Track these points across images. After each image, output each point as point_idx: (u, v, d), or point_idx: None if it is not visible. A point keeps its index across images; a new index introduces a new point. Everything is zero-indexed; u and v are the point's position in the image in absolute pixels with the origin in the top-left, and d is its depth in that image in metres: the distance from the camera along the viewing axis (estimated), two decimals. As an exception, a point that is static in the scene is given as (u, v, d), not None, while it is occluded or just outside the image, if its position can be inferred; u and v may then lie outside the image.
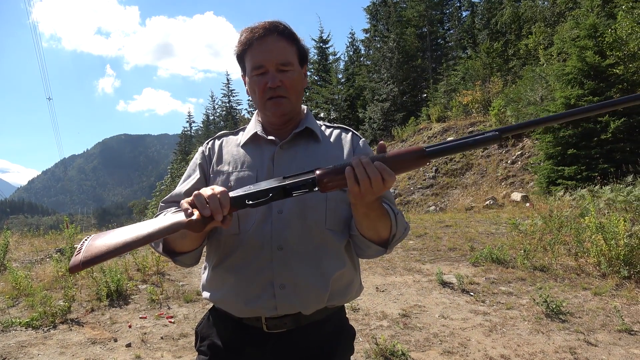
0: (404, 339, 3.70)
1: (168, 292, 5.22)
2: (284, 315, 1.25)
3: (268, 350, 1.28)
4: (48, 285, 5.45)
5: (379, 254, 1.26)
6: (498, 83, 19.20)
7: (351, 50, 37.03)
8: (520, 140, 15.35)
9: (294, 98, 1.31)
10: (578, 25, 13.14)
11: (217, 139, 1.46)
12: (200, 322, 1.44)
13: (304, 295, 1.24)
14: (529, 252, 5.83)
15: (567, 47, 12.82)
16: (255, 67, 1.28)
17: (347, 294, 1.33)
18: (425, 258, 6.55)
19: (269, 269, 1.23)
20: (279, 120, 1.34)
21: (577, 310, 4.16)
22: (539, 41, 19.11)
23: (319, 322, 1.30)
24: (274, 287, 1.23)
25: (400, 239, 1.26)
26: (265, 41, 1.26)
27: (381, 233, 1.20)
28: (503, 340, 3.60)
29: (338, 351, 1.34)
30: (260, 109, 1.34)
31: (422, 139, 19.69)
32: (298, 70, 1.32)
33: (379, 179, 0.99)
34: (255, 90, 1.30)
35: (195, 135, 56.37)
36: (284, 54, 1.27)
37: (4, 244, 6.80)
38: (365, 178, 0.99)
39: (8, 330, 4.14)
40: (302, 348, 1.28)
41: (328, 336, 1.32)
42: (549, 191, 10.82)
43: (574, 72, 11.43)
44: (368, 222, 1.17)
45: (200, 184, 1.35)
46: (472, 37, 27.79)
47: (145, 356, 3.53)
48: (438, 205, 14.53)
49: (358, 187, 1.00)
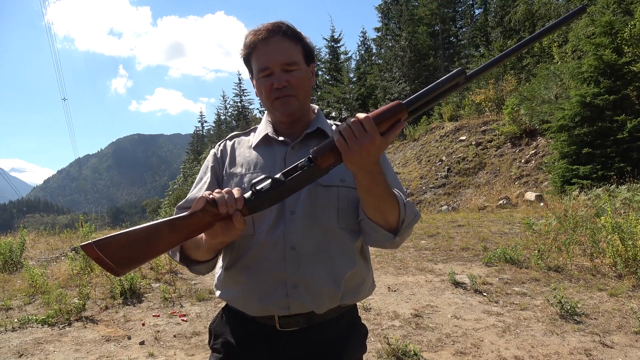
0: (416, 339, 3.68)
1: (181, 291, 5.26)
2: (297, 314, 1.26)
3: (281, 348, 1.28)
4: (63, 283, 5.53)
5: (387, 239, 1.22)
6: (511, 81, 18.99)
7: (363, 49, 36.99)
8: (534, 139, 15.17)
9: (301, 97, 1.31)
10: (593, 22, 12.91)
11: (228, 140, 1.47)
12: (213, 320, 1.45)
13: (317, 295, 1.24)
14: (543, 252, 5.76)
15: (582, 44, 12.63)
16: (261, 69, 1.29)
17: (359, 292, 1.33)
18: (438, 258, 6.51)
19: (282, 269, 1.24)
20: (287, 120, 1.34)
21: (593, 312, 4.10)
22: (554, 39, 18.84)
23: (332, 321, 1.30)
24: (287, 287, 1.24)
25: (410, 226, 1.23)
26: (268, 43, 1.27)
27: (388, 216, 1.19)
28: (517, 341, 3.56)
29: (350, 349, 1.34)
30: (269, 110, 1.35)
31: (435, 137, 19.57)
32: (304, 69, 1.32)
33: (357, 124, 1.02)
34: (263, 92, 1.31)
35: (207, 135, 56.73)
36: (288, 54, 1.28)
37: (20, 243, 6.92)
38: (346, 127, 1.02)
39: (25, 327, 4.20)
40: (314, 346, 1.28)
41: (340, 334, 1.32)
42: (564, 190, 10.67)
43: (589, 70, 11.24)
44: (373, 199, 1.15)
45: (213, 186, 1.36)
46: (485, 35, 27.51)
47: (159, 354, 3.56)
48: (450, 204, 14.43)
49: (346, 143, 1.02)
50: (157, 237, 1.03)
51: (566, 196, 9.83)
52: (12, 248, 6.68)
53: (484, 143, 16.88)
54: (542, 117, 13.97)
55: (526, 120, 15.34)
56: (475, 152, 16.60)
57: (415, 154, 19.65)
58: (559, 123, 11.51)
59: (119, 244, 1.00)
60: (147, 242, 1.03)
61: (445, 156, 17.58)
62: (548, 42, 18.99)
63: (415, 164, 18.73)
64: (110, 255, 1.00)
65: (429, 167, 17.79)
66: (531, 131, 15.38)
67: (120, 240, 1.00)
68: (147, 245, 1.03)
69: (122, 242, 1.01)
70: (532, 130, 15.33)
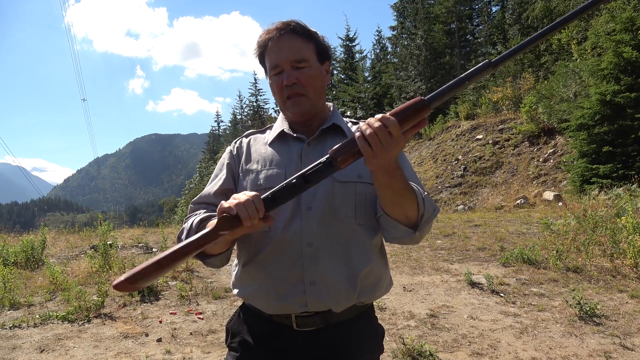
0: (431, 340, 3.66)
1: (197, 289, 5.31)
2: (314, 314, 1.26)
3: (297, 348, 1.28)
4: (82, 281, 5.63)
5: (407, 235, 1.21)
6: (529, 79, 18.73)
7: (378, 48, 36.85)
8: (552, 137, 14.95)
9: (312, 95, 1.31)
10: (614, 18, 12.64)
11: (244, 138, 1.48)
12: (230, 318, 1.46)
13: (334, 292, 1.24)
14: (561, 252, 5.67)
15: (602, 41, 12.37)
16: (272, 67, 1.30)
17: (376, 290, 1.33)
18: (454, 258, 6.46)
19: (299, 266, 1.24)
20: (300, 119, 1.35)
21: (613, 313, 4.02)
22: (572, 36, 18.50)
23: (348, 321, 1.30)
24: (304, 284, 1.24)
25: (429, 221, 1.21)
26: (279, 41, 1.28)
27: (408, 211, 1.17)
28: (534, 343, 3.52)
29: (367, 350, 1.34)
30: (282, 109, 1.36)
31: (451, 136, 19.41)
32: (316, 66, 1.31)
33: (383, 130, 0.98)
34: (275, 91, 1.32)
35: (223, 134, 57.14)
36: (298, 52, 1.28)
37: (41, 241, 7.07)
38: (372, 133, 0.98)
39: (46, 323, 4.29)
40: (331, 346, 1.28)
41: (357, 335, 1.32)
42: (583, 190, 10.49)
43: (609, 67, 11.03)
44: (391, 195, 1.13)
45: (228, 183, 1.38)
46: (503, 33, 27.14)
47: (175, 351, 3.61)
48: (467, 204, 14.30)
49: (369, 146, 0.99)
50: (186, 258, 1.05)
51: (585, 196, 9.67)
52: (34, 246, 6.83)
53: (501, 142, 16.69)
54: (560, 116, 13.75)
55: (544, 119, 15.12)
56: (492, 151, 16.42)
57: (431, 152, 19.52)
58: (578, 121, 11.32)
59: (151, 274, 1.02)
60: (177, 263, 1.05)
61: (461, 155, 17.43)
62: (567, 39, 18.68)
63: (431, 163, 18.60)
64: (145, 283, 1.03)
65: (444, 166, 17.65)
66: (549, 130, 15.16)
67: (152, 269, 1.02)
68: (177, 265, 1.07)
69: (154, 270, 1.02)
70: (550, 128, 15.10)
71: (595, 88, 11.21)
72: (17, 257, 6.41)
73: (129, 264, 5.99)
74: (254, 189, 1.25)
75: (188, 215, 1.36)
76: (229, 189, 1.37)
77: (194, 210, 1.36)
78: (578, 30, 18.49)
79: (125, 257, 6.87)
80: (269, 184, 1.23)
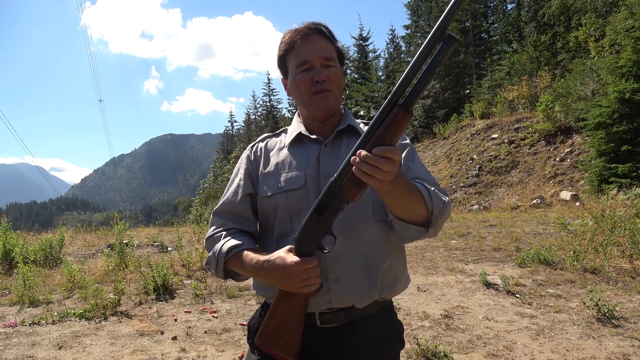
0: (446, 340, 3.63)
1: (211, 288, 5.35)
2: (337, 310, 1.28)
3: (321, 344, 1.30)
4: (99, 279, 5.72)
5: (420, 234, 1.23)
6: (546, 77, 18.47)
7: (391, 47, 36.62)
8: (569, 136, 14.72)
9: (337, 93, 1.36)
10: (633, 15, 12.41)
11: (260, 142, 1.50)
12: (252, 316, 1.48)
13: (357, 288, 1.27)
14: (579, 253, 5.58)
15: (621, 38, 12.14)
16: (301, 63, 1.32)
17: (396, 285, 1.35)
18: (469, 258, 6.40)
19: (322, 264, 1.25)
20: (323, 115, 1.37)
21: (632, 315, 3.94)
22: (590, 33, 18.18)
23: (370, 317, 1.32)
24: (328, 281, 1.26)
25: (441, 216, 1.22)
26: (309, 39, 1.32)
27: (417, 211, 1.18)
28: (551, 345, 3.47)
29: (390, 344, 1.36)
30: (306, 104, 1.36)
31: (465, 136, 19.24)
32: (339, 67, 1.37)
33: (384, 162, 0.99)
34: (300, 87, 1.33)
35: (236, 134, 57.44)
36: (328, 50, 1.34)
37: (60, 239, 7.18)
38: (375, 169, 0.99)
39: (64, 320, 4.37)
40: (353, 342, 1.30)
41: (379, 331, 1.34)
42: (601, 190, 10.32)
43: (628, 65, 10.81)
44: (396, 200, 1.15)
45: (249, 188, 1.41)
46: (518, 30, 26.79)
47: (190, 349, 3.64)
48: (482, 204, 14.16)
49: (375, 179, 1.00)
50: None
51: (603, 195, 9.50)
52: (52, 244, 6.94)
53: (517, 141, 16.49)
54: (578, 114, 13.54)
55: (561, 118, 14.90)
56: (507, 150, 16.23)
57: (445, 152, 19.38)
58: (596, 120, 11.13)
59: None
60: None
61: (476, 154, 17.27)
62: (584, 36, 18.36)
63: (445, 163, 18.46)
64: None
65: (459, 165, 17.50)
66: (566, 129, 14.93)
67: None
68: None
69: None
70: (567, 127, 14.88)
71: (613, 86, 11.01)
72: (36, 256, 6.53)
73: (145, 262, 6.05)
74: (274, 192, 1.33)
75: (212, 232, 1.40)
76: (250, 194, 1.41)
77: (218, 223, 1.41)
78: (596, 27, 18.17)
79: (141, 256, 6.95)
80: (289, 186, 1.32)
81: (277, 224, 1.35)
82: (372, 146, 1.01)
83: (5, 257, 6.53)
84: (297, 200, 1.31)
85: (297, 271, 1.15)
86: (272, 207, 1.35)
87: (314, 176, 1.32)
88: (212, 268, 1.34)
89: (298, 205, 1.31)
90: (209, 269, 1.36)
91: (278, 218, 1.34)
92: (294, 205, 1.32)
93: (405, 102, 1.02)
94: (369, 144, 1.03)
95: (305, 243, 1.18)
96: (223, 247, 1.30)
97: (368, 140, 1.03)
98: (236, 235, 1.35)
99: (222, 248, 1.30)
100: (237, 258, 1.28)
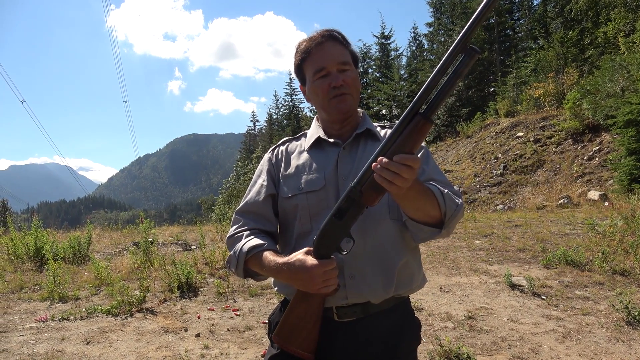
0: (469, 342, 3.58)
1: (234, 286, 5.41)
2: (354, 305, 1.31)
3: (338, 338, 1.33)
4: (125, 276, 5.84)
5: (433, 235, 1.25)
6: (573, 74, 17.99)
7: (414, 45, 36.32)
8: (597, 135, 14.33)
9: (355, 95, 1.39)
10: (665, 8, 12.02)
11: (281, 145, 1.55)
12: (272, 312, 1.52)
13: (373, 285, 1.29)
14: (607, 254, 5.44)
15: (653, 33, 11.77)
16: (317, 70, 1.35)
17: (412, 283, 1.37)
18: (493, 259, 6.30)
19: (339, 261, 1.28)
20: (341, 118, 1.40)
21: (664, 319, 3.82)
22: (619, 28, 17.66)
23: (387, 311, 1.34)
24: (345, 277, 1.29)
25: (454, 217, 1.23)
26: (324, 46, 1.36)
27: (430, 212, 1.20)
28: (578, 348, 3.39)
29: (406, 338, 1.37)
30: (324, 109, 1.40)
31: (489, 134, 18.93)
32: (355, 70, 1.40)
33: (405, 170, 1.01)
34: (319, 93, 1.37)
35: (259, 134, 57.81)
36: (342, 55, 1.37)
37: (87, 237, 7.37)
38: (395, 176, 1.01)
39: (91, 316, 4.48)
40: (370, 336, 1.32)
41: (395, 325, 1.36)
42: (631, 189, 10.02)
43: (660, 60, 10.48)
44: (410, 203, 1.17)
45: (271, 189, 1.45)
46: (544, 27, 26.19)
47: (213, 346, 3.69)
48: (506, 204, 13.90)
49: (395, 185, 1.03)
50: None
51: (634, 195, 9.23)
52: (80, 242, 7.12)
53: (543, 139, 16.13)
54: (606, 112, 13.15)
55: (589, 115, 14.50)
56: (533, 149, 15.90)
57: (468, 151, 19.10)
58: (626, 117, 10.80)
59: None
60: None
61: (500, 153, 16.96)
62: (613, 31, 17.84)
63: (469, 162, 18.20)
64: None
65: (483, 164, 17.23)
66: (594, 126, 14.53)
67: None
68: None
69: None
70: (595, 125, 14.48)
71: (644, 82, 10.67)
72: (65, 253, 6.71)
73: (169, 260, 6.15)
74: (295, 193, 1.37)
75: (234, 231, 1.43)
76: (272, 195, 1.45)
77: (240, 222, 1.44)
78: (626, 22, 17.64)
79: (166, 254, 7.07)
80: (310, 188, 1.36)
81: (297, 224, 1.39)
82: (393, 153, 1.04)
83: (36, 254, 6.75)
84: (317, 201, 1.35)
85: (317, 273, 1.18)
86: (293, 208, 1.39)
87: (333, 178, 1.36)
88: (233, 267, 1.37)
89: (318, 206, 1.35)
90: (230, 268, 1.40)
91: (298, 218, 1.38)
92: (313, 206, 1.35)
93: (426, 111, 1.04)
94: (390, 151, 1.05)
95: (324, 245, 1.21)
96: (244, 247, 1.33)
97: (389, 147, 1.06)
98: (257, 235, 1.38)
99: (242, 247, 1.33)
100: (257, 258, 1.31)
